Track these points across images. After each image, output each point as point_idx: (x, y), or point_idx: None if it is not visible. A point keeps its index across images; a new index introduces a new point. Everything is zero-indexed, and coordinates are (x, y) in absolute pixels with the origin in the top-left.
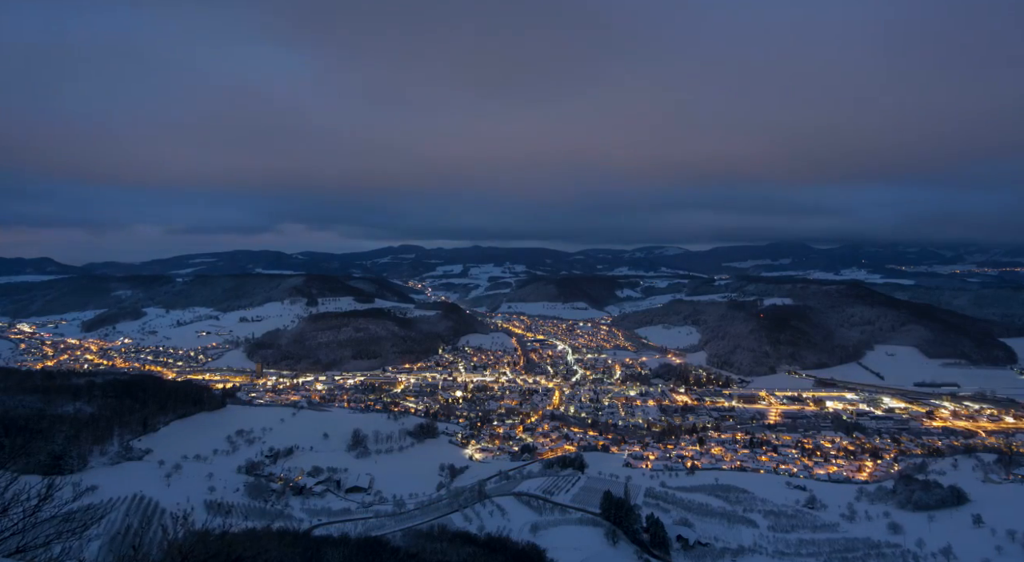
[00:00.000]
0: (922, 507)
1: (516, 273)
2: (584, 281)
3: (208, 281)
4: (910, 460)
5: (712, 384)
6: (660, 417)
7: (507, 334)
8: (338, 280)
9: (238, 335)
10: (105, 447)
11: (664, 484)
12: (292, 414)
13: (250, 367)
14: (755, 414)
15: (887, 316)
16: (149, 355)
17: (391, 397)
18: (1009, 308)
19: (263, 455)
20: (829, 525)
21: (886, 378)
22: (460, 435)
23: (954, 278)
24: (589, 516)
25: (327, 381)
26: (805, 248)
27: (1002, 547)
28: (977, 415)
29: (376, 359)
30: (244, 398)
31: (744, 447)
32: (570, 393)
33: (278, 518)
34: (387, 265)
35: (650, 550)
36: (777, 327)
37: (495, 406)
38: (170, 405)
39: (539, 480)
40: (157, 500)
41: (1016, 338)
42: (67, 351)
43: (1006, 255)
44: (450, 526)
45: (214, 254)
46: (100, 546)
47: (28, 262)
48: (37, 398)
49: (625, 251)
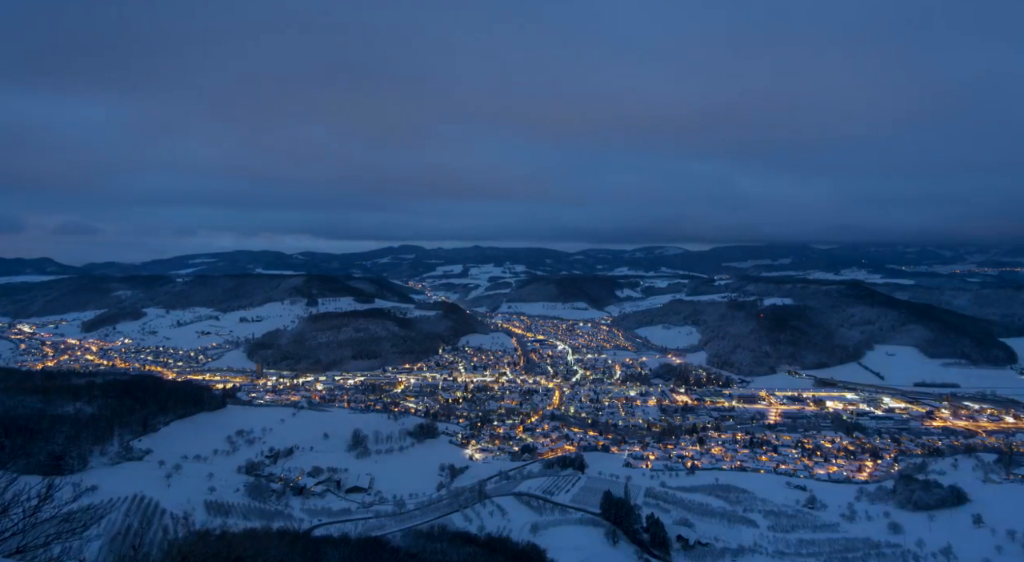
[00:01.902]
0: (922, 507)
1: (516, 273)
2: (584, 281)
3: (208, 281)
4: (910, 460)
5: (712, 384)
6: (660, 417)
7: (507, 334)
8: (338, 280)
9: (238, 335)
10: (105, 447)
11: (664, 484)
12: (292, 414)
13: (250, 367)
14: (755, 414)
15: (887, 316)
16: (149, 355)
17: (391, 397)
18: (1009, 308)
19: (263, 455)
20: (829, 525)
21: (886, 378)
22: (460, 435)
23: (954, 278)
24: (589, 516)
25: (327, 381)
26: (805, 248)
27: (1002, 547)
28: (977, 415)
29: (376, 359)
30: (244, 398)
31: (744, 447)
32: (570, 393)
33: (278, 518)
34: (387, 265)
35: (650, 550)
36: (777, 327)
37: (495, 406)
38: (170, 405)
39: (539, 480)
40: (157, 500)
41: (1016, 338)
42: (67, 351)
43: (1006, 255)
44: (450, 526)
45: (214, 254)
46: (100, 546)
47: (28, 262)
48: (37, 398)
49: (625, 251)
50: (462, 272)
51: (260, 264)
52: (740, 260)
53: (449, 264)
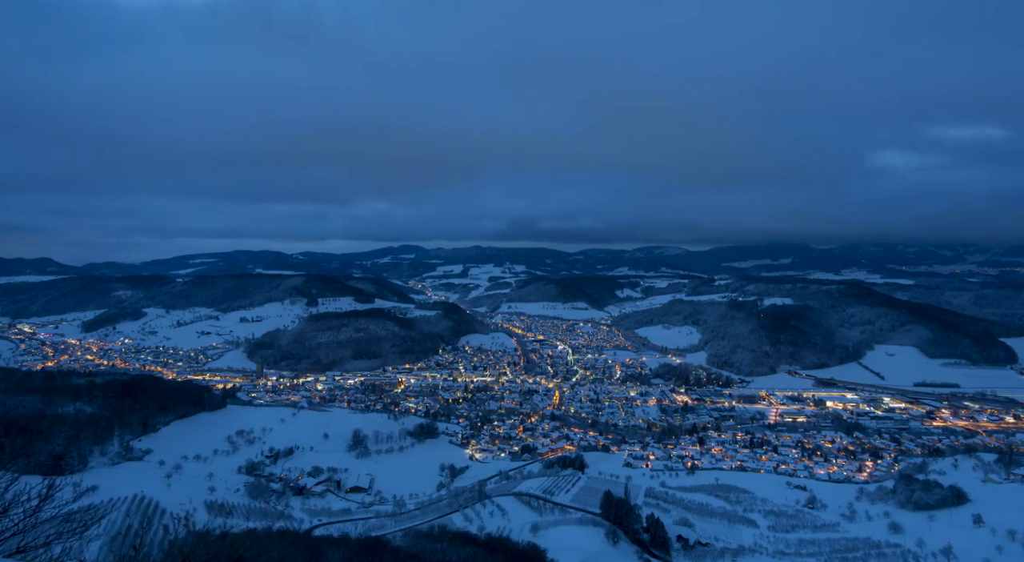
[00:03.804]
0: (922, 507)
1: (516, 273)
2: (584, 281)
3: (208, 281)
4: (910, 460)
5: (712, 384)
6: (660, 417)
7: (507, 334)
8: (338, 280)
9: (238, 335)
10: (105, 447)
11: (664, 484)
12: (292, 414)
13: (250, 367)
14: (755, 414)
15: (887, 316)
16: (149, 355)
17: (391, 397)
18: (1009, 308)
19: (263, 455)
20: (829, 525)
21: (886, 378)
22: (460, 435)
23: (954, 278)
24: (589, 516)
25: (327, 381)
26: (805, 248)
27: (1002, 547)
28: (977, 415)
29: (376, 359)
30: (244, 398)
31: (744, 447)
32: (570, 393)
33: (278, 518)
34: (387, 265)
35: (650, 550)
36: (777, 327)
37: (495, 406)
38: (170, 405)
39: (539, 480)
40: (157, 500)
41: (1016, 338)
42: (67, 351)
43: (1006, 255)
44: (450, 526)
45: (214, 254)
46: (101, 546)
47: (28, 262)
48: (37, 398)
49: (625, 251)
50: (462, 272)
51: (260, 264)
52: (740, 260)
53: (449, 264)
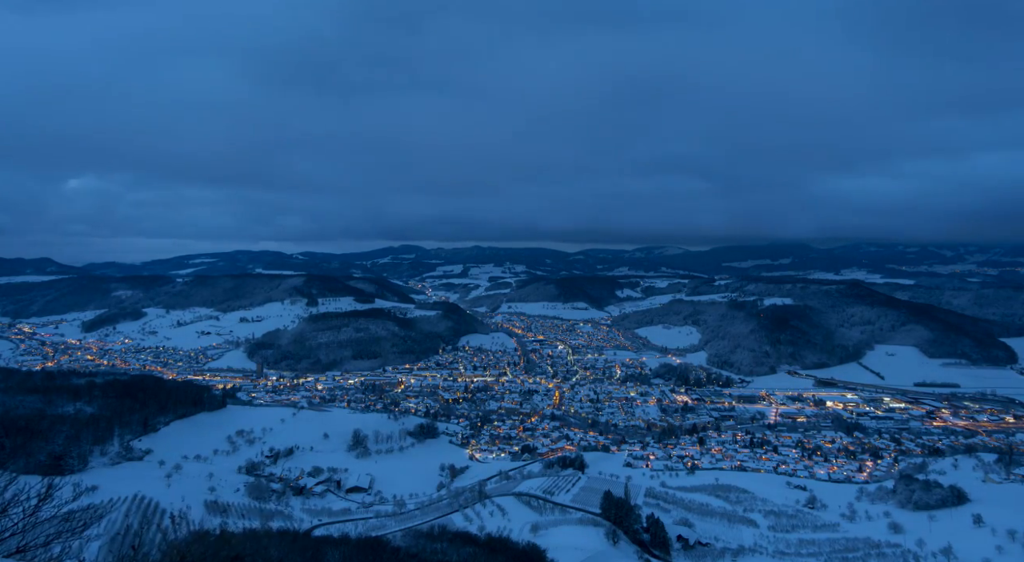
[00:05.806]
0: (922, 507)
1: (516, 273)
2: (584, 281)
3: (208, 281)
4: (910, 460)
5: (712, 384)
6: (660, 417)
7: (507, 334)
8: (338, 280)
9: (238, 335)
10: (105, 447)
11: (664, 484)
12: (292, 414)
13: (250, 367)
14: (755, 414)
15: (887, 316)
16: (149, 355)
17: (391, 397)
18: (1009, 308)
19: (263, 455)
20: (829, 525)
21: (886, 378)
22: (460, 435)
23: (954, 278)
24: (589, 516)
25: (327, 381)
26: (805, 248)
27: (1002, 547)
28: (977, 415)
29: (376, 359)
30: (244, 398)
31: (744, 447)
32: (570, 393)
33: (278, 518)
34: (387, 265)
35: (650, 550)
36: (777, 327)
37: (495, 406)
38: (170, 405)
39: (539, 480)
40: (157, 500)
41: (1016, 338)
42: (67, 351)
43: (1006, 255)
44: (450, 526)
45: (214, 254)
46: (100, 546)
47: (28, 262)
48: (37, 398)
49: (625, 251)
50: (462, 272)
51: (260, 264)
52: (740, 260)
53: (449, 264)
